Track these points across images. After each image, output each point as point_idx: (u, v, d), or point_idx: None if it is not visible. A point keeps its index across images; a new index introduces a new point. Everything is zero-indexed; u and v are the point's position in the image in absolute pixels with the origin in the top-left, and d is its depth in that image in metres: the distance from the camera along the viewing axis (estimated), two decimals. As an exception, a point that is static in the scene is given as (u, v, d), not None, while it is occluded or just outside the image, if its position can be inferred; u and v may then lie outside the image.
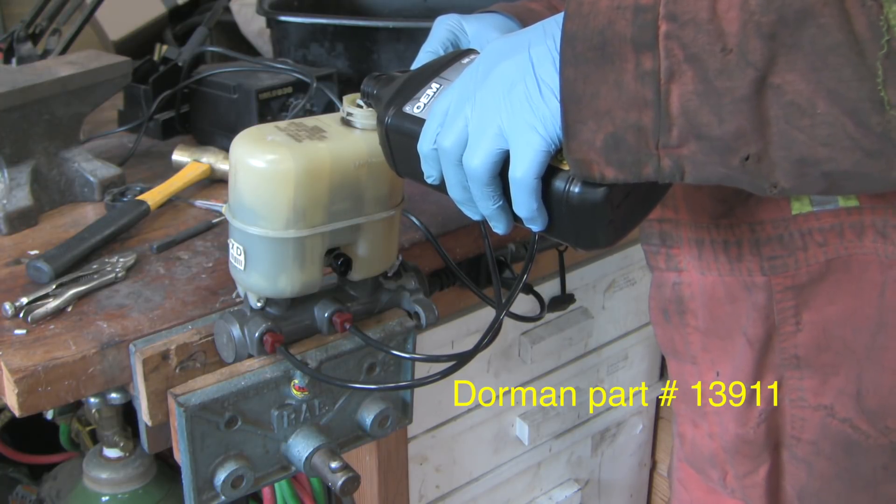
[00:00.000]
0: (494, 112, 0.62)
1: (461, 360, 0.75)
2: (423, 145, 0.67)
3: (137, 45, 1.64)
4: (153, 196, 1.03)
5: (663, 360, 1.47)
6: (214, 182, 1.13)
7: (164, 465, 1.25)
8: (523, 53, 0.61)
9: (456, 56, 0.74)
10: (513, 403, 1.27)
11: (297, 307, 0.79)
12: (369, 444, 1.01)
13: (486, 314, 1.15)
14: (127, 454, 1.20)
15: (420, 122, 0.68)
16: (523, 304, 1.16)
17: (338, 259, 0.80)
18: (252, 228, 0.73)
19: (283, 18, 1.33)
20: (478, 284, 1.00)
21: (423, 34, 1.27)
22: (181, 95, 1.24)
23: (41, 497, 1.41)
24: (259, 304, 0.78)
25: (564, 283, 1.19)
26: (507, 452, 1.31)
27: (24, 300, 0.83)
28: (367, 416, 0.87)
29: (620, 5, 0.57)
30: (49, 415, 1.28)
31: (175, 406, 0.77)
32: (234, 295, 0.86)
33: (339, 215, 0.75)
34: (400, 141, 0.70)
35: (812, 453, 0.81)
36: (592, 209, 0.62)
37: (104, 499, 1.21)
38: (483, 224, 0.87)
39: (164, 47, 1.65)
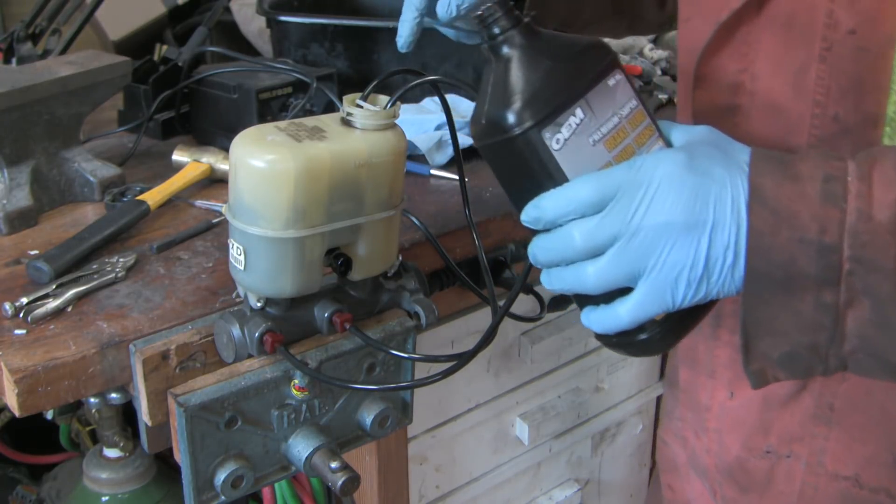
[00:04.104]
0: (644, 259, 0.61)
1: (461, 360, 0.75)
2: (549, 211, 0.63)
3: (137, 45, 1.64)
4: (153, 196, 1.03)
5: (663, 360, 1.47)
6: (214, 182, 1.13)
7: (164, 465, 1.25)
8: (703, 233, 0.60)
9: (598, 71, 0.65)
10: (513, 403, 1.27)
11: (297, 307, 0.79)
12: (369, 444, 1.01)
13: (486, 314, 1.15)
14: (127, 454, 1.20)
15: (556, 169, 0.62)
16: (523, 304, 1.16)
17: (338, 259, 0.80)
18: (252, 228, 0.73)
19: (283, 18, 1.33)
20: (478, 284, 1.00)
21: (422, 34, 1.27)
22: (181, 95, 1.24)
23: (41, 497, 1.41)
24: (259, 304, 0.78)
25: (564, 283, 1.19)
26: (507, 452, 1.31)
27: (24, 300, 0.83)
28: (367, 416, 0.87)
29: (803, 238, 0.59)
30: (49, 415, 1.28)
31: (175, 406, 0.77)
32: (234, 295, 0.86)
33: (339, 215, 0.75)
34: (520, 162, 0.64)
35: None
36: (659, 349, 0.67)
37: (104, 499, 1.21)
38: (475, 229, 0.88)
39: (164, 47, 1.65)
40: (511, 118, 0.62)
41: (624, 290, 0.63)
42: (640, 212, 0.60)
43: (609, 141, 0.64)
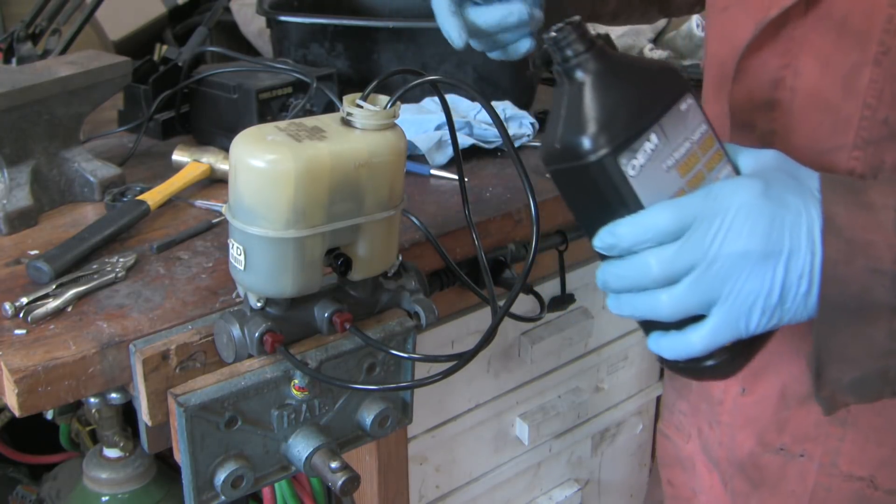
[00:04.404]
0: (720, 287, 0.61)
1: (461, 360, 0.75)
2: (625, 239, 0.63)
3: (137, 45, 1.64)
4: (153, 196, 1.03)
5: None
6: (214, 182, 1.13)
7: (164, 465, 1.25)
8: (779, 261, 0.60)
9: (671, 96, 0.64)
10: (513, 403, 1.27)
11: (297, 307, 0.79)
12: (369, 444, 1.01)
13: (486, 314, 1.15)
14: (127, 454, 1.20)
15: (631, 196, 0.62)
16: (523, 304, 1.16)
17: (338, 259, 0.80)
18: (252, 228, 0.73)
19: (283, 18, 1.33)
20: (478, 284, 1.00)
21: (423, 34, 1.28)
22: (181, 95, 1.24)
23: (41, 497, 1.41)
24: (259, 304, 0.78)
25: (564, 283, 1.19)
26: (507, 452, 1.31)
27: (24, 300, 0.83)
28: (367, 416, 0.87)
29: (878, 269, 0.59)
30: (49, 415, 1.28)
31: (175, 406, 0.77)
32: (234, 295, 0.86)
33: (339, 215, 0.75)
34: (594, 188, 0.63)
35: None
36: (726, 375, 0.67)
37: (104, 499, 1.21)
38: (474, 229, 0.88)
39: (164, 47, 1.66)
40: (587, 144, 0.61)
41: (695, 316, 0.63)
42: (718, 240, 0.60)
43: (682, 166, 0.64)
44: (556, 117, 0.64)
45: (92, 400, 0.99)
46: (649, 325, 0.67)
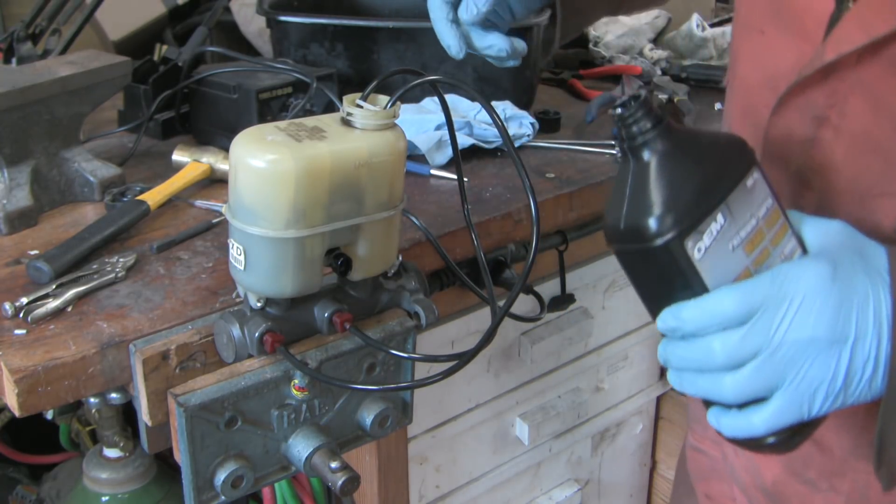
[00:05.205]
0: (784, 373, 0.61)
1: (462, 360, 0.75)
2: (690, 324, 0.62)
3: (137, 45, 1.64)
4: (153, 196, 1.03)
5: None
6: (214, 182, 1.13)
7: (164, 465, 1.25)
8: (845, 347, 0.60)
9: (738, 172, 0.63)
10: (513, 403, 1.27)
11: (297, 307, 0.79)
12: (369, 444, 1.01)
13: (486, 314, 1.15)
14: (127, 454, 1.20)
15: (696, 278, 0.61)
16: (523, 304, 1.16)
17: (338, 259, 0.80)
18: (252, 228, 0.73)
19: (283, 18, 1.33)
20: (478, 284, 1.00)
21: (423, 34, 1.28)
22: (181, 95, 1.24)
23: (41, 497, 1.41)
24: (259, 304, 0.78)
25: (564, 283, 1.19)
26: (507, 452, 1.31)
27: (24, 300, 0.83)
28: (367, 416, 0.87)
29: None
30: (49, 415, 1.29)
31: (175, 406, 0.77)
32: (234, 295, 0.86)
33: (339, 215, 0.75)
34: (658, 270, 0.62)
35: None
36: (785, 451, 0.66)
37: (104, 499, 1.21)
38: (473, 229, 0.88)
39: (164, 47, 1.65)
40: (653, 227, 0.60)
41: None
42: (784, 327, 0.60)
43: (748, 245, 0.63)
44: (620, 195, 0.62)
45: (92, 400, 0.99)
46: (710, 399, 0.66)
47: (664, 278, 0.62)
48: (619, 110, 0.62)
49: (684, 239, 0.60)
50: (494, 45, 0.86)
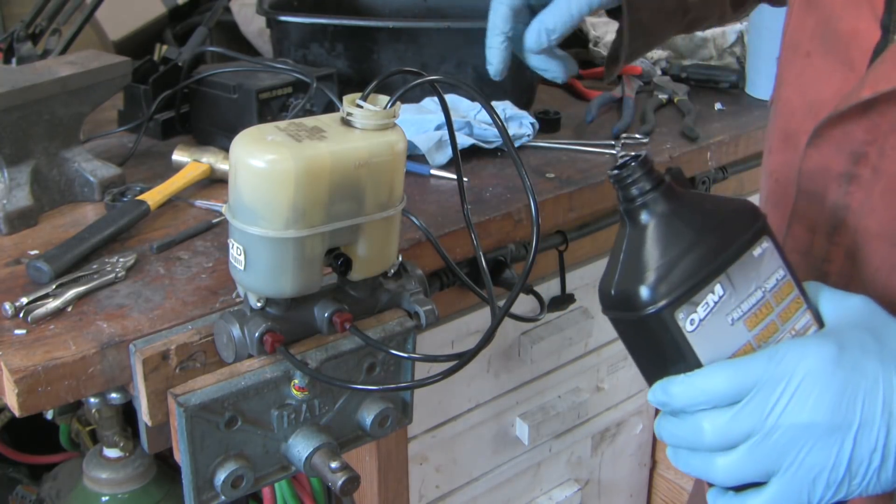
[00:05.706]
0: (779, 458, 0.58)
1: (462, 360, 0.75)
2: (678, 399, 0.59)
3: (137, 45, 1.64)
4: (153, 196, 1.03)
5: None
6: (214, 182, 1.13)
7: (164, 465, 1.25)
8: (847, 435, 0.57)
9: (744, 241, 0.60)
10: (513, 403, 1.27)
11: (297, 307, 0.79)
12: (369, 444, 1.01)
13: (486, 314, 1.15)
14: (127, 454, 1.20)
15: (688, 352, 0.58)
16: (523, 303, 1.16)
17: (338, 259, 0.80)
18: (252, 228, 0.73)
19: (283, 18, 1.33)
20: (478, 284, 1.00)
21: (423, 34, 1.28)
22: (181, 95, 1.24)
23: (41, 497, 1.41)
24: (259, 304, 0.78)
25: (564, 283, 1.19)
26: (507, 452, 1.31)
27: (24, 300, 0.83)
28: (367, 416, 0.87)
29: None
30: (49, 415, 1.28)
31: (175, 406, 0.77)
32: (234, 295, 0.86)
33: (339, 215, 0.75)
34: (649, 340, 0.59)
35: None
36: None
37: (104, 499, 1.21)
38: (473, 229, 0.87)
39: (164, 47, 1.65)
40: (643, 295, 0.58)
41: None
42: (778, 409, 0.57)
43: (750, 319, 0.59)
44: (614, 260, 0.60)
45: (92, 400, 0.99)
46: None
47: (656, 349, 0.59)
48: (616, 171, 0.60)
49: (675, 310, 0.57)
50: (549, 69, 0.85)
